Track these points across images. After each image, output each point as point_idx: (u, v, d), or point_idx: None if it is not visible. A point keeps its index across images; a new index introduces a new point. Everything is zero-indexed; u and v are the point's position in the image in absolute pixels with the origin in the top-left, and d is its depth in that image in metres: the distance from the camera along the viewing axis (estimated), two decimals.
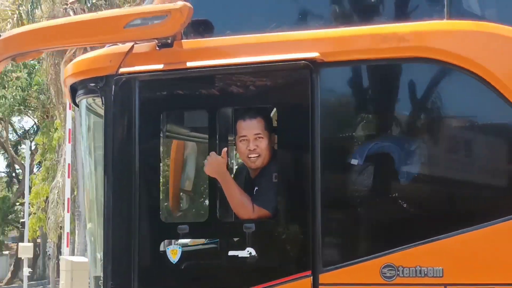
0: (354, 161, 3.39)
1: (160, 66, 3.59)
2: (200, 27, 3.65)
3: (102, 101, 3.64)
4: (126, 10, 4.09)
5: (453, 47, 3.24)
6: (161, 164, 3.65)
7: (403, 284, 3.19)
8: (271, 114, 3.72)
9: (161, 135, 3.74)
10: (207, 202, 3.59)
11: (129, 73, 3.60)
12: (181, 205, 4.07)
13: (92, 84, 3.69)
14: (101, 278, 3.57)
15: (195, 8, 3.58)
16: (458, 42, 3.25)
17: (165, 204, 3.89)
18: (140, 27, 3.55)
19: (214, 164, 3.44)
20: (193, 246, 3.82)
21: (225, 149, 3.49)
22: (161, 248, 3.55)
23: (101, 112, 3.64)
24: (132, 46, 3.66)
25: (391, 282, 3.21)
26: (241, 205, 3.45)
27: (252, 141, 3.47)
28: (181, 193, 4.04)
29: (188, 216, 3.94)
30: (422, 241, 3.22)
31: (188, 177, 4.08)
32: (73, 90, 3.84)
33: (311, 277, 3.30)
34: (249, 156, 3.49)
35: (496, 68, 3.17)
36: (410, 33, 3.32)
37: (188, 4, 3.54)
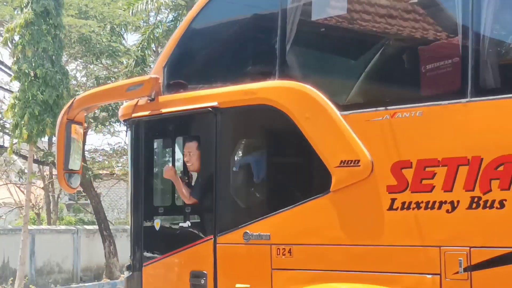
0: (235, 169, 6.12)
1: (148, 113, 6.65)
2: (171, 86, 6.59)
3: (129, 132, 6.83)
4: (126, 81, 7.22)
5: (274, 96, 5.75)
6: (155, 171, 6.71)
7: (252, 244, 5.85)
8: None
9: (154, 152, 6.81)
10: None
11: (137, 117, 6.74)
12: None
13: (125, 123, 6.91)
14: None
15: (169, 75, 6.53)
16: (279, 94, 5.75)
17: (155, 195, 6.95)
18: (133, 90, 6.65)
19: (168, 172, 6.44)
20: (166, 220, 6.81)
21: (169, 164, 6.43)
22: (154, 222, 6.65)
23: None
24: (138, 101, 6.77)
25: (247, 243, 5.89)
26: (183, 195, 6.40)
27: (187, 155, 6.36)
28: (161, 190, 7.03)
29: (164, 202, 6.90)
30: (261, 218, 5.83)
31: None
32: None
33: (213, 239, 6.11)
34: (187, 164, 6.39)
35: (292, 105, 5.59)
36: (258, 89, 5.90)
37: (154, 76, 6.55)
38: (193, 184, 6.56)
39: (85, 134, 20.60)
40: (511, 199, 4.68)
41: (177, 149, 6.66)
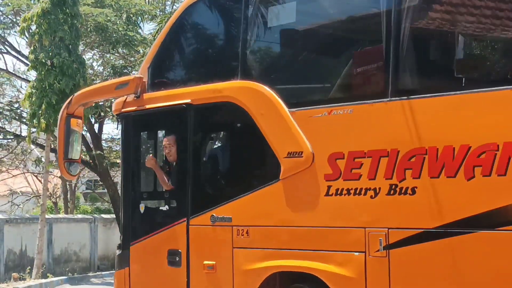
0: (204, 159, 7.03)
1: (134, 108, 7.60)
2: (155, 85, 7.52)
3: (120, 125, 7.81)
4: (115, 80, 8.18)
5: (236, 94, 6.63)
6: (141, 161, 7.67)
7: (217, 225, 6.77)
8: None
9: (140, 143, 7.76)
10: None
11: (126, 112, 7.71)
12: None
13: (117, 116, 7.89)
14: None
15: (153, 75, 7.47)
16: (240, 92, 6.63)
17: (141, 182, 7.89)
18: (120, 89, 7.61)
19: (149, 161, 7.39)
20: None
21: (151, 155, 7.38)
22: (140, 206, 7.61)
23: None
24: (126, 98, 7.72)
25: (213, 224, 6.80)
26: (163, 182, 7.35)
27: (168, 147, 7.29)
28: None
29: (148, 188, 7.84)
30: (225, 202, 6.74)
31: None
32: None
33: (186, 221, 7.03)
34: (167, 155, 7.33)
35: (250, 102, 6.46)
36: (223, 88, 6.79)
37: (138, 76, 7.50)
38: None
39: (101, 123, 21.65)
40: (421, 186, 5.46)
41: (159, 141, 7.59)
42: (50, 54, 15.63)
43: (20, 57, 22.17)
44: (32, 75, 18.47)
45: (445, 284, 5.36)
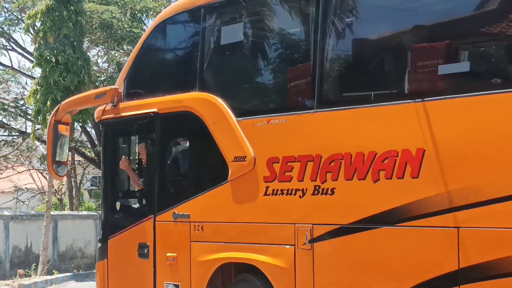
0: (169, 162, 8.00)
1: (112, 116, 8.58)
2: (130, 95, 8.50)
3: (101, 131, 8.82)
4: (94, 90, 9.17)
5: (193, 104, 7.57)
6: (117, 163, 8.65)
7: (178, 221, 7.72)
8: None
9: (117, 147, 8.74)
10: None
11: (105, 119, 8.70)
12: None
13: (98, 123, 8.90)
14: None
15: (128, 86, 8.45)
16: (197, 103, 7.57)
17: (117, 183, 8.87)
18: (99, 98, 8.61)
19: (123, 163, 8.38)
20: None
21: (125, 156, 8.36)
22: (116, 204, 8.60)
23: None
24: (105, 106, 8.71)
25: (175, 221, 7.76)
26: (135, 183, 8.35)
27: (142, 151, 8.27)
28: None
29: (123, 188, 8.82)
30: (184, 201, 7.69)
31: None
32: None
33: (153, 218, 8.00)
34: (141, 158, 8.30)
35: (205, 112, 7.40)
36: (183, 99, 7.74)
37: (114, 87, 8.49)
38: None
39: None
40: (338, 187, 6.35)
41: (132, 145, 8.56)
42: (55, 51, 15.82)
43: (25, 54, 22.45)
44: (37, 72, 18.71)
45: (358, 272, 6.25)
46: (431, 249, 5.76)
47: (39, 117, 16.11)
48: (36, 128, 17.15)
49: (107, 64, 22.79)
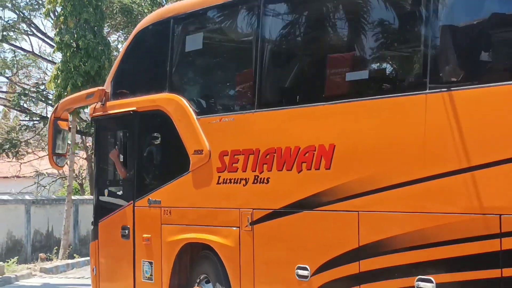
0: (145, 153, 9.13)
1: (100, 113, 9.76)
2: (116, 95, 9.65)
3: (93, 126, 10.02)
4: (86, 91, 10.33)
5: (163, 104, 8.68)
6: (124, 158, 9.82)
7: (152, 207, 8.86)
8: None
9: (106, 141, 9.90)
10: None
11: (95, 116, 9.90)
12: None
13: (91, 119, 10.09)
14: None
15: (114, 87, 9.60)
16: (166, 102, 8.67)
17: (106, 172, 10.03)
18: (89, 98, 9.80)
19: (112, 154, 9.56)
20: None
21: (115, 148, 9.52)
22: (105, 191, 9.78)
23: None
24: (96, 105, 9.88)
25: (150, 206, 8.89)
26: (120, 172, 9.51)
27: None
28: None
29: (110, 177, 9.96)
30: (156, 189, 8.82)
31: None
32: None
33: (133, 203, 9.16)
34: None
35: (172, 110, 8.50)
36: (155, 99, 8.85)
37: (101, 88, 9.66)
38: None
39: None
40: (272, 177, 7.39)
41: (118, 139, 9.70)
42: (76, 36, 16.13)
43: (45, 39, 23.00)
44: (58, 57, 19.18)
45: (286, 249, 7.31)
46: (339, 230, 6.78)
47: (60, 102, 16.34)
48: None
49: None
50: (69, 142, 10.74)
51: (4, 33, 22.00)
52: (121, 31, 22.42)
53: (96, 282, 10.01)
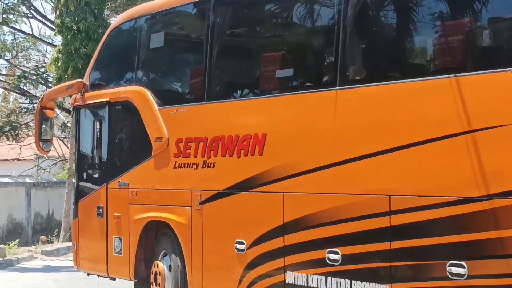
0: (116, 140, 10.10)
1: (80, 103, 10.75)
2: (93, 86, 10.63)
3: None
4: (67, 83, 11.30)
5: (131, 95, 9.64)
6: (85, 141, 10.81)
7: (121, 188, 9.85)
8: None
9: (86, 128, 10.88)
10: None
11: (75, 105, 10.90)
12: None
13: (72, 109, 11.10)
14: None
15: (92, 79, 10.59)
16: (133, 94, 9.63)
17: (85, 157, 11.01)
18: (70, 89, 10.79)
19: None
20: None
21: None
22: (84, 174, 10.79)
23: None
24: (76, 95, 10.87)
25: (120, 188, 9.88)
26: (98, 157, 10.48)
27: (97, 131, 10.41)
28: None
29: (88, 161, 10.93)
30: (125, 172, 9.79)
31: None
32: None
33: (106, 185, 10.15)
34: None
35: (138, 101, 9.46)
36: (124, 91, 9.82)
37: (80, 80, 10.66)
38: None
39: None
40: (217, 162, 8.32)
41: (95, 127, 10.67)
42: (76, 18, 16.08)
43: (45, 21, 22.46)
44: (58, 39, 18.85)
45: (228, 225, 8.24)
46: (268, 209, 7.70)
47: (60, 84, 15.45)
48: None
49: None
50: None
51: (4, 15, 21.74)
52: (121, 13, 20.90)
53: (76, 256, 11.04)
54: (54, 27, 18.00)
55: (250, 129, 7.94)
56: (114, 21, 10.87)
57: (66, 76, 16.24)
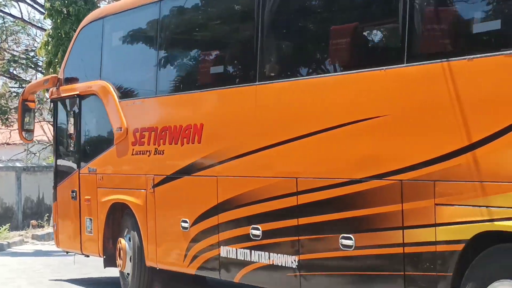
0: (86, 130, 11.09)
1: (55, 96, 11.75)
2: (67, 81, 11.61)
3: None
4: (43, 77, 12.28)
5: (96, 89, 10.62)
6: (62, 130, 11.82)
7: (91, 174, 10.84)
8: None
9: (62, 119, 11.88)
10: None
11: (52, 98, 11.92)
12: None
13: (50, 101, 12.11)
14: None
15: (66, 74, 11.58)
16: (98, 88, 10.60)
17: (61, 145, 12.00)
18: (46, 84, 11.80)
19: None
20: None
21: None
22: (61, 161, 11.81)
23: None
24: (53, 89, 11.87)
25: (89, 173, 10.89)
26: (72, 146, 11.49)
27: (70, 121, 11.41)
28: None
29: (65, 149, 11.92)
30: (93, 159, 10.79)
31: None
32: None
33: (78, 171, 11.16)
34: None
35: (102, 94, 10.43)
36: (91, 85, 10.79)
37: (54, 75, 11.67)
38: None
39: None
40: (165, 149, 9.28)
41: (69, 118, 11.65)
42: (66, 2, 15.99)
43: (34, 5, 21.99)
44: (48, 23, 18.93)
45: (176, 206, 9.18)
46: (205, 191, 8.64)
47: (50, 69, 16.06)
48: None
49: None
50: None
51: None
52: None
53: (56, 236, 12.08)
54: (43, 11, 17.83)
55: (191, 120, 8.87)
56: (84, 20, 11.75)
57: (56, 60, 16.22)
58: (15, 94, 24.88)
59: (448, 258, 5.91)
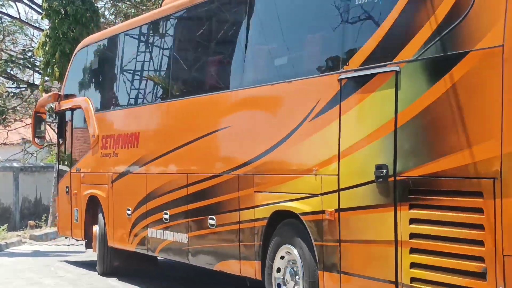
0: (76, 137, 13.61)
1: (58, 108, 14.33)
2: (67, 96, 14.16)
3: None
4: (47, 94, 14.84)
5: (81, 103, 13.11)
6: (64, 138, 14.38)
7: (78, 172, 13.34)
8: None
9: (63, 127, 14.44)
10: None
11: (56, 111, 14.51)
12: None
13: (54, 113, 14.74)
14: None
15: (66, 90, 14.16)
16: (82, 103, 13.10)
17: (63, 150, 14.51)
18: (49, 99, 14.40)
19: None
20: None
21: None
22: (62, 163, 14.39)
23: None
24: (56, 103, 14.45)
25: (77, 172, 13.38)
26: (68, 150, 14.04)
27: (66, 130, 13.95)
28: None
29: (64, 153, 14.38)
30: (79, 161, 13.27)
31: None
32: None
33: (70, 170, 13.68)
34: None
35: (84, 107, 12.92)
36: (78, 100, 13.30)
37: (56, 92, 14.28)
38: None
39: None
40: (119, 152, 11.63)
41: (67, 127, 14.16)
42: (64, 2, 16.04)
43: (32, 5, 21.89)
44: (45, 23, 18.85)
45: (128, 197, 11.49)
46: (140, 185, 10.94)
47: (47, 69, 16.38)
48: (44, 80, 17.21)
49: (114, 16, 22.46)
50: None
51: None
52: None
53: (58, 224, 14.63)
54: (41, 11, 17.70)
55: (133, 128, 11.23)
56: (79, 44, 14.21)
57: (54, 60, 16.34)
58: (12, 94, 24.61)
59: (259, 231, 8.02)
